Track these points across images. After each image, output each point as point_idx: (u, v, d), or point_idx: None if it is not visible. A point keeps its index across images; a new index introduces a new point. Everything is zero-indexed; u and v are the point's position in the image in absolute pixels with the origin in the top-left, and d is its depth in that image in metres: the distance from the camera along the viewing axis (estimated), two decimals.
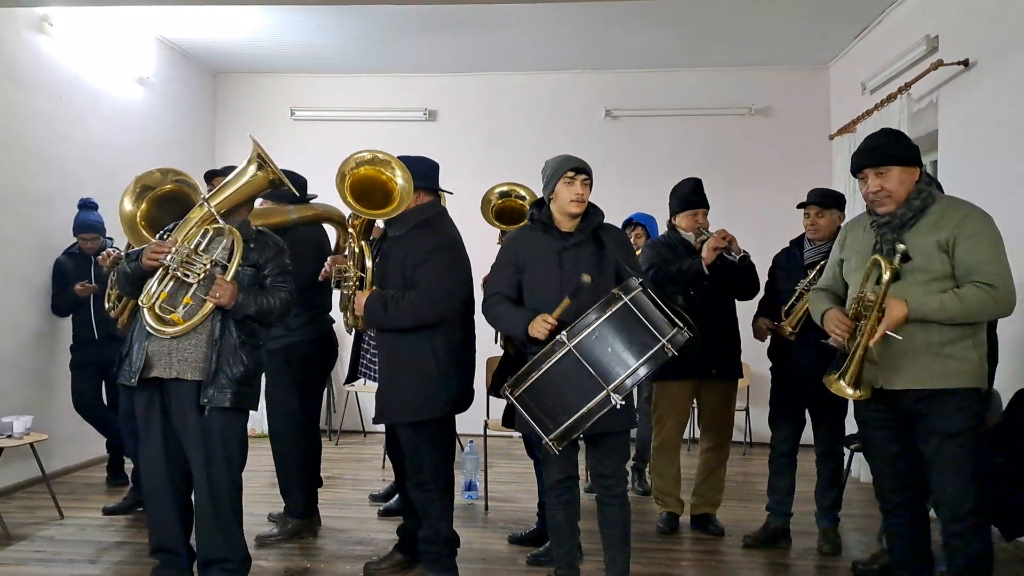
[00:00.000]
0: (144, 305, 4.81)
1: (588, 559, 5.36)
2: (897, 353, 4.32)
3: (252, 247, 5.03)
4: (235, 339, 4.89)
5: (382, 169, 5.15)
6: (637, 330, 4.21)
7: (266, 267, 5.07)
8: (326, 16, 9.34)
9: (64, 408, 7.96)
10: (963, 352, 4.27)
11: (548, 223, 4.88)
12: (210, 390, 4.82)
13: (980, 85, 6.87)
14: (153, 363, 4.86)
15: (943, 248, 4.25)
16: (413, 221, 5.18)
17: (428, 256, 5.06)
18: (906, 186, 4.36)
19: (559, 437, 4.26)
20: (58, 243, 8.04)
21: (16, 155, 7.97)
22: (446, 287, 5.07)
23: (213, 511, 4.94)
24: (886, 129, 4.68)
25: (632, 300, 4.25)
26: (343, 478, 8.46)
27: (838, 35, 9.69)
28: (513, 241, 5.06)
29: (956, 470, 4.28)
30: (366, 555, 6.03)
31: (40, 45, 8.30)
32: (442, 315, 5.06)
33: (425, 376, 5.08)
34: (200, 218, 4.97)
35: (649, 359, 4.19)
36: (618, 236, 5.01)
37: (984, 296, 4.15)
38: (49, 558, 6.03)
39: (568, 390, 4.24)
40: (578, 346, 4.19)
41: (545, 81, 11.23)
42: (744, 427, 10.14)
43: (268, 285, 5.06)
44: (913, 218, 4.34)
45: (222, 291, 4.76)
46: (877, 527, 6.26)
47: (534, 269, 4.85)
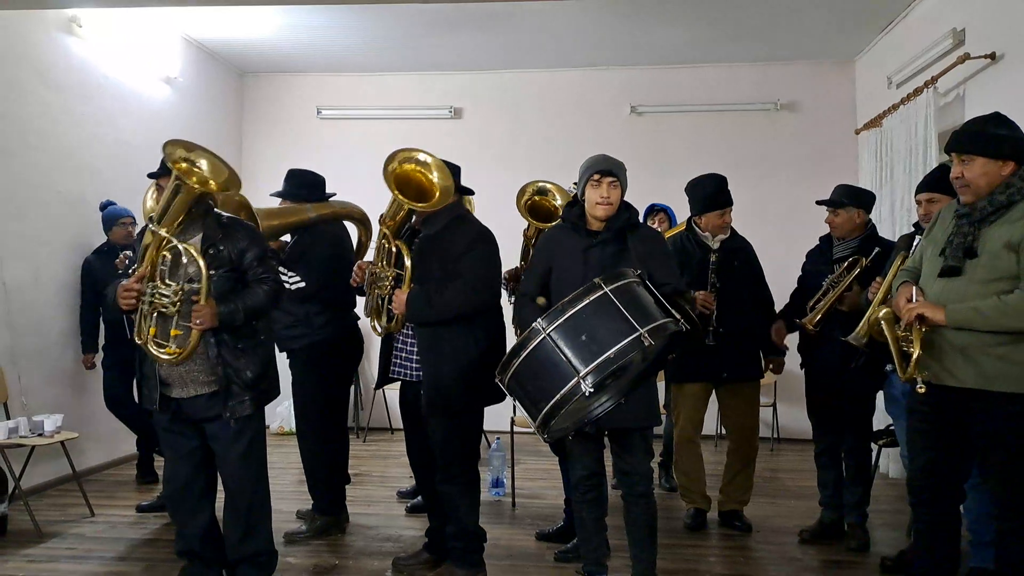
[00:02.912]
0: (140, 342, 4.79)
1: (616, 555, 5.36)
2: (948, 349, 4.23)
3: (222, 248, 4.87)
4: (235, 347, 4.86)
5: (423, 170, 5.23)
6: (615, 318, 4.14)
7: (243, 259, 4.92)
8: (351, 15, 9.35)
9: (95, 406, 8.02)
10: (1018, 355, 4.10)
11: (577, 222, 4.93)
12: (230, 404, 4.83)
13: (1007, 78, 6.83)
14: (171, 384, 4.88)
15: (1012, 248, 4.10)
16: (449, 217, 5.27)
17: (471, 247, 5.15)
18: (989, 179, 4.21)
19: (542, 424, 4.25)
20: (88, 243, 8.10)
21: (48, 156, 8.03)
22: (490, 275, 5.20)
23: (243, 509, 4.98)
24: (991, 115, 4.41)
25: (616, 290, 4.19)
26: (371, 475, 8.49)
27: (864, 29, 9.64)
28: (546, 240, 5.15)
29: (1004, 473, 4.22)
30: (394, 552, 6.05)
31: (70, 46, 8.35)
32: (487, 303, 5.18)
33: (470, 366, 5.13)
34: (153, 243, 4.78)
35: (624, 347, 4.07)
36: (647, 237, 4.99)
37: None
38: (80, 555, 6.09)
39: (545, 377, 4.18)
40: (553, 332, 4.13)
41: (570, 78, 11.22)
42: (772, 423, 10.11)
43: (250, 279, 4.95)
44: (994, 213, 4.19)
45: (202, 316, 4.66)
46: (906, 523, 6.24)
47: (561, 266, 4.90)
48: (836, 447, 6.35)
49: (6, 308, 7.49)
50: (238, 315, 4.80)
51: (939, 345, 4.25)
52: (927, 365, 4.28)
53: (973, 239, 4.21)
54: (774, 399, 9.93)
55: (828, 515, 6.41)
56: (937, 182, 5.36)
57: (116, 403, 7.76)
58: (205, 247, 4.82)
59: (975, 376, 4.17)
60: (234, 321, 4.79)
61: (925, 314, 4.18)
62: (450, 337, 5.16)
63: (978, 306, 4.10)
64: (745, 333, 6.46)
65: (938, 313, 4.16)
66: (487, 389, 4.92)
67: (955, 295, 4.20)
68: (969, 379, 4.18)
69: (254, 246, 4.99)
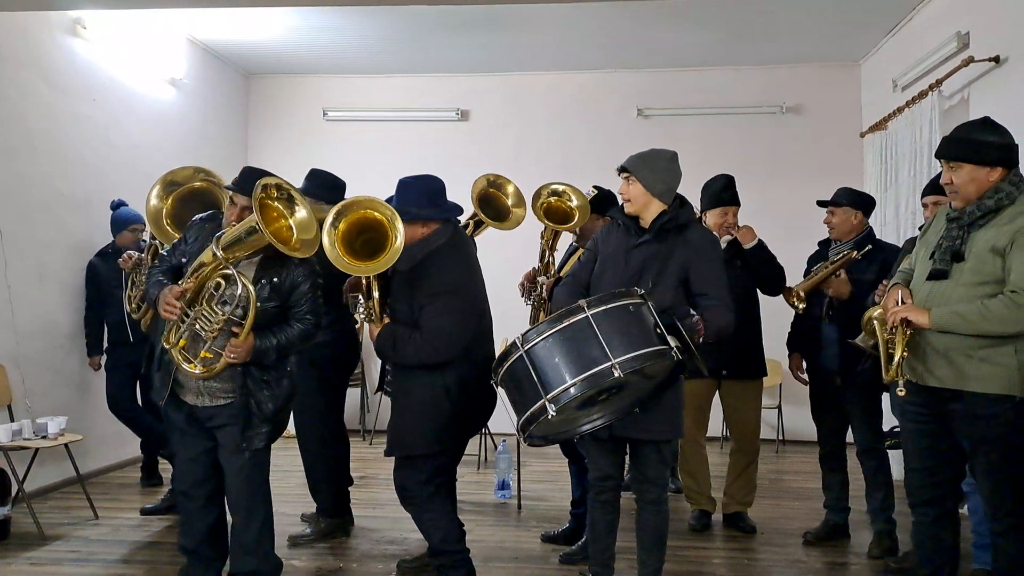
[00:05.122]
0: (168, 347, 4.75)
1: (622, 556, 5.36)
2: (930, 351, 4.27)
3: (275, 280, 4.79)
4: (260, 379, 4.82)
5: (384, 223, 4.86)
6: (591, 345, 4.10)
7: (293, 292, 4.84)
8: (357, 17, 9.36)
9: (99, 409, 8.01)
10: (1000, 357, 4.14)
11: (627, 220, 4.89)
12: (247, 434, 4.81)
13: (1011, 81, 6.82)
14: (185, 387, 4.86)
15: (998, 252, 4.13)
16: (419, 256, 4.95)
17: (432, 299, 4.88)
18: (977, 184, 4.23)
19: (521, 428, 4.26)
20: (93, 245, 8.10)
21: (52, 158, 8.05)
22: (447, 332, 4.88)
23: (242, 521, 4.96)
24: (980, 121, 4.42)
25: (599, 314, 4.15)
26: (376, 478, 8.48)
27: (869, 32, 9.64)
28: (599, 234, 5.11)
29: (990, 474, 4.25)
30: (399, 554, 6.05)
31: (74, 48, 8.37)
32: (444, 358, 4.91)
33: (438, 413, 4.96)
34: (212, 265, 4.66)
35: (588, 378, 4.06)
36: (693, 240, 4.84)
37: (1009, 304, 4.05)
38: (84, 558, 6.08)
39: (520, 390, 4.22)
40: (528, 352, 4.15)
41: (576, 80, 11.23)
42: (776, 425, 10.11)
43: (292, 316, 4.88)
44: (982, 217, 4.22)
45: (236, 353, 4.63)
46: (910, 525, 6.23)
47: (603, 263, 4.88)
48: (840, 450, 6.34)
49: (10, 310, 7.49)
50: (271, 354, 4.77)
51: (922, 347, 4.30)
52: (912, 367, 4.34)
53: (961, 243, 4.26)
54: (779, 401, 9.94)
55: (833, 518, 6.41)
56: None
57: (119, 405, 7.73)
58: (259, 276, 4.76)
59: (955, 377, 4.22)
60: (265, 359, 4.77)
61: (910, 317, 4.22)
62: (419, 383, 5.00)
63: (961, 310, 4.14)
64: (746, 331, 6.42)
65: (922, 317, 4.20)
66: (449, 436, 4.95)
67: (942, 298, 4.24)
68: (949, 380, 4.23)
69: (309, 279, 4.90)
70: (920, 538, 4.64)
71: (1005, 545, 4.29)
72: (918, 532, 4.64)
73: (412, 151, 10.94)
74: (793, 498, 7.16)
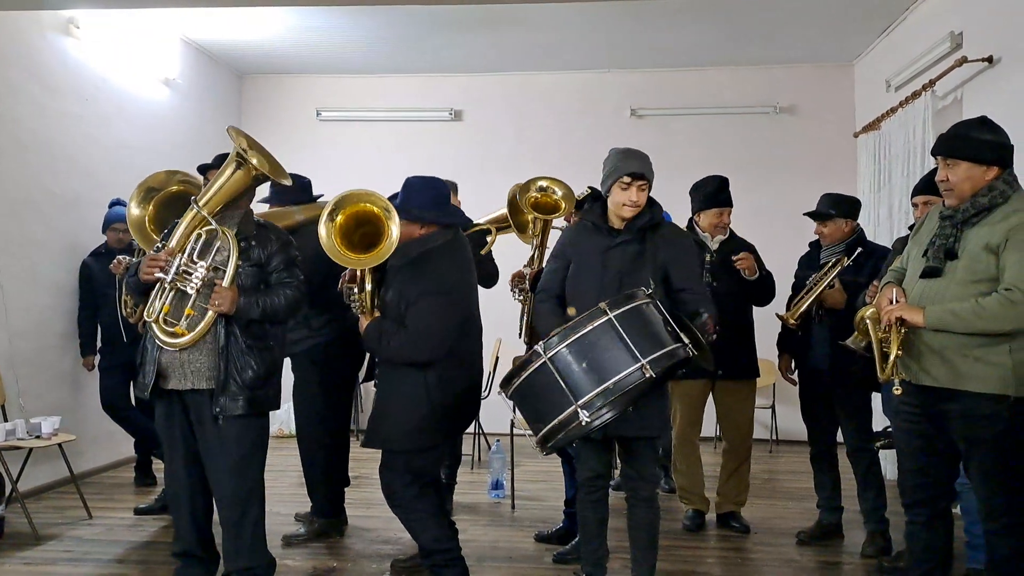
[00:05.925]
0: (150, 319, 4.76)
1: (616, 556, 5.36)
2: (925, 350, 4.26)
3: (253, 244, 4.89)
4: (242, 343, 4.81)
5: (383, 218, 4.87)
6: (617, 347, 4.10)
7: (270, 262, 4.93)
8: (351, 16, 9.36)
9: (93, 409, 8.00)
10: (994, 356, 4.12)
11: (599, 221, 4.87)
12: (222, 399, 4.77)
13: (1004, 81, 6.85)
14: (168, 375, 4.83)
15: (991, 250, 4.12)
16: (414, 253, 4.92)
17: (419, 298, 4.83)
18: (972, 183, 4.23)
19: (540, 442, 4.24)
20: (85, 245, 8.08)
21: (43, 157, 8.04)
22: (433, 333, 4.82)
23: (233, 520, 4.93)
24: (977, 119, 4.42)
25: (621, 315, 4.14)
26: (370, 478, 8.38)
27: (863, 32, 9.66)
28: (565, 237, 5.08)
29: (984, 473, 4.24)
30: (393, 554, 6.05)
31: (66, 48, 8.36)
32: (427, 359, 4.86)
33: (417, 410, 4.90)
34: (191, 221, 4.81)
35: (623, 377, 4.06)
36: (670, 237, 4.90)
37: (1004, 302, 4.03)
38: (78, 558, 6.08)
39: (543, 400, 4.18)
40: (552, 359, 4.11)
41: (570, 80, 11.23)
42: (770, 425, 10.13)
43: (273, 282, 4.93)
44: (976, 215, 4.22)
45: (221, 299, 4.66)
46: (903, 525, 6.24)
47: (578, 266, 4.86)
48: (831, 449, 6.36)
49: (3, 310, 7.48)
50: (254, 309, 4.78)
51: (917, 346, 4.28)
52: (906, 366, 4.32)
53: (955, 241, 4.24)
54: (772, 401, 9.95)
55: (826, 517, 6.42)
56: (933, 184, 5.34)
57: (113, 405, 7.73)
58: (238, 239, 4.83)
59: (950, 376, 4.20)
60: (250, 313, 4.77)
61: (904, 316, 4.21)
62: (403, 379, 4.95)
63: (955, 309, 4.13)
64: (740, 332, 6.48)
65: (917, 315, 4.18)
66: (425, 436, 4.89)
67: (935, 296, 4.23)
68: (944, 379, 4.22)
69: (284, 251, 5.00)
70: (913, 538, 4.62)
71: (999, 545, 4.28)
72: (911, 532, 4.62)
73: (405, 151, 10.97)
74: (787, 498, 7.16)
